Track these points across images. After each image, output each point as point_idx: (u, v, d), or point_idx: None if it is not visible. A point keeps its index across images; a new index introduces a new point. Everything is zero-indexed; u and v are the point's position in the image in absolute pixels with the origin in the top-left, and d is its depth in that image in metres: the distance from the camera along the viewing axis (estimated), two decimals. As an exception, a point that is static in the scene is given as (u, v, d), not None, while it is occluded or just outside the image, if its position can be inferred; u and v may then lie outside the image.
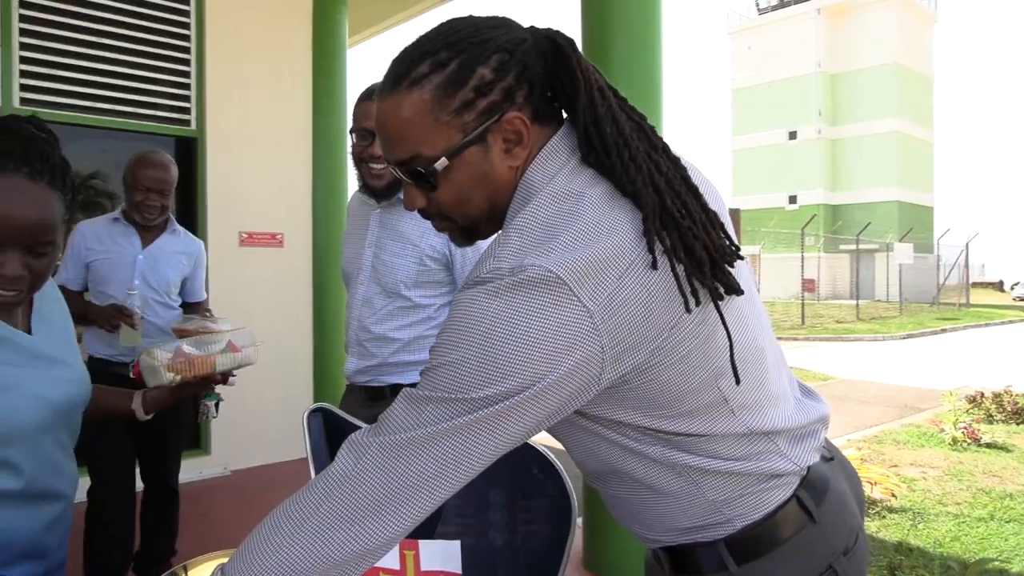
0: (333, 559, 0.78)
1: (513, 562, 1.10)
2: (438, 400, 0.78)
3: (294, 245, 5.00)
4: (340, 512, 0.78)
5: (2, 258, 1.07)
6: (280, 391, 4.85)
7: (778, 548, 0.89)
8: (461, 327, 0.78)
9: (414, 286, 1.89)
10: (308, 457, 1.17)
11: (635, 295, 0.77)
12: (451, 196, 0.89)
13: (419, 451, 0.78)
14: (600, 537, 3.18)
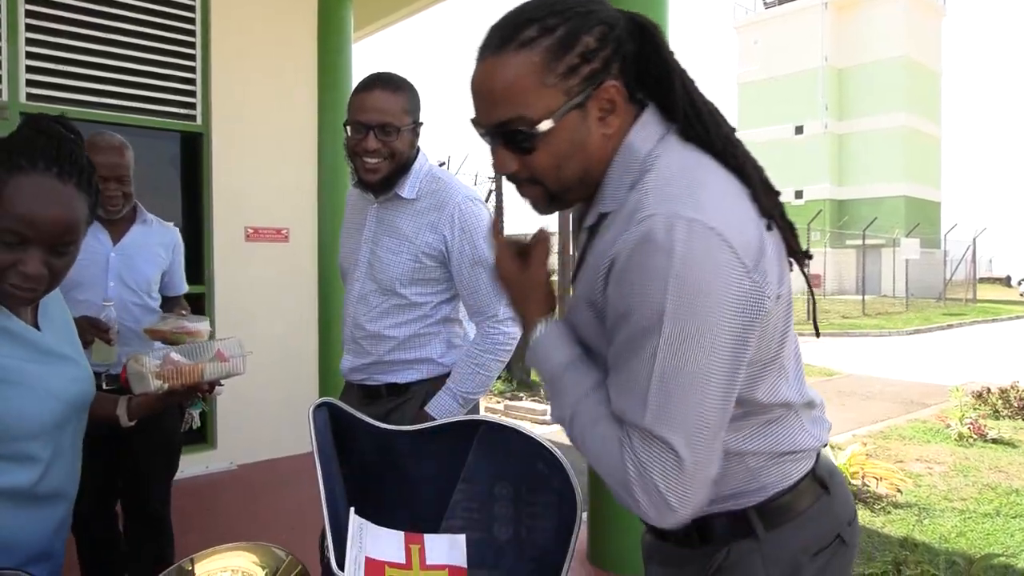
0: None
1: (518, 556, 1.10)
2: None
3: (299, 240, 5.00)
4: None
5: (25, 256, 1.08)
6: (285, 386, 4.86)
7: (799, 516, 1.00)
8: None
9: (410, 283, 1.87)
10: (314, 451, 1.17)
11: (768, 250, 0.89)
12: (548, 160, 0.93)
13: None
14: (604, 531, 3.18)
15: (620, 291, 0.87)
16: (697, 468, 0.85)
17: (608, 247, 0.90)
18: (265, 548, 0.97)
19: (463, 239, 1.84)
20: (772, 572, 0.97)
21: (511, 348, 1.89)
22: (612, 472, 0.89)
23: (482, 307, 1.87)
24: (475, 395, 1.88)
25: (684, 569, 1.04)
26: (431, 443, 1.20)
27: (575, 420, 0.95)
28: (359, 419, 1.23)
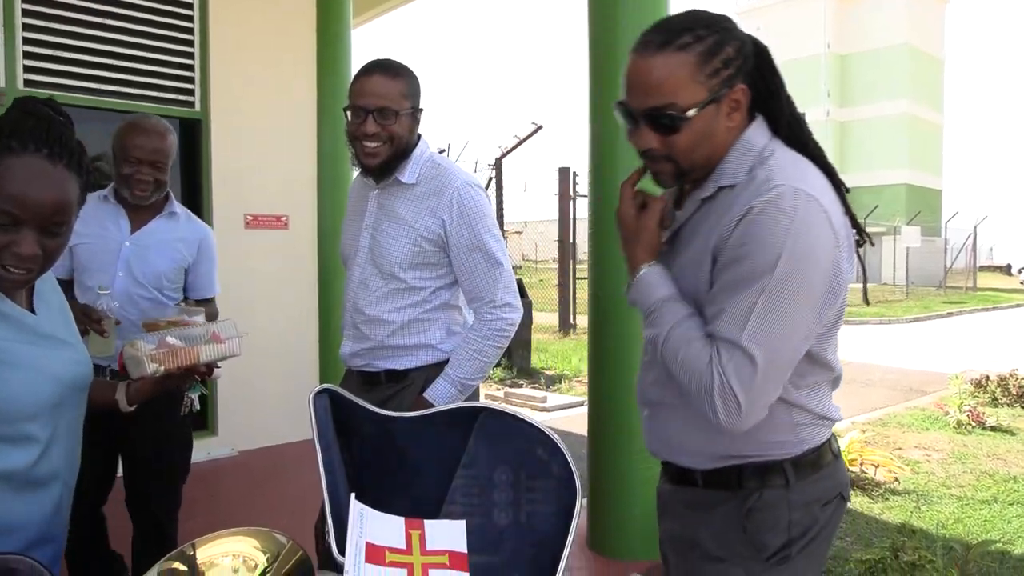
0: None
1: (518, 541, 1.10)
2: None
3: (299, 227, 5.00)
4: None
5: (17, 236, 1.08)
6: (286, 373, 4.87)
7: (819, 472, 1.23)
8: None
9: (409, 267, 1.88)
10: (314, 437, 1.17)
11: (849, 236, 1.17)
12: (687, 141, 1.15)
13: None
14: (604, 518, 3.20)
15: (746, 236, 1.09)
16: (766, 384, 1.09)
17: (738, 206, 1.12)
18: (267, 533, 0.98)
19: (461, 224, 1.85)
20: (794, 516, 1.19)
21: (509, 334, 1.90)
22: (697, 379, 1.11)
23: (479, 293, 1.88)
24: (473, 381, 1.89)
25: (711, 512, 1.24)
26: (431, 429, 1.20)
27: (670, 338, 1.16)
28: (359, 405, 1.23)
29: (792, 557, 1.20)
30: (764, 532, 1.20)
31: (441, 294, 1.93)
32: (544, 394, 7.18)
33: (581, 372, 8.28)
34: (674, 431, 1.28)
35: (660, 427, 1.31)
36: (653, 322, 1.21)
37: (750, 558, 1.21)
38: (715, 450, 1.23)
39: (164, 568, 0.91)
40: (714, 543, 1.24)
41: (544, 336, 11.15)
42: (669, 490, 1.35)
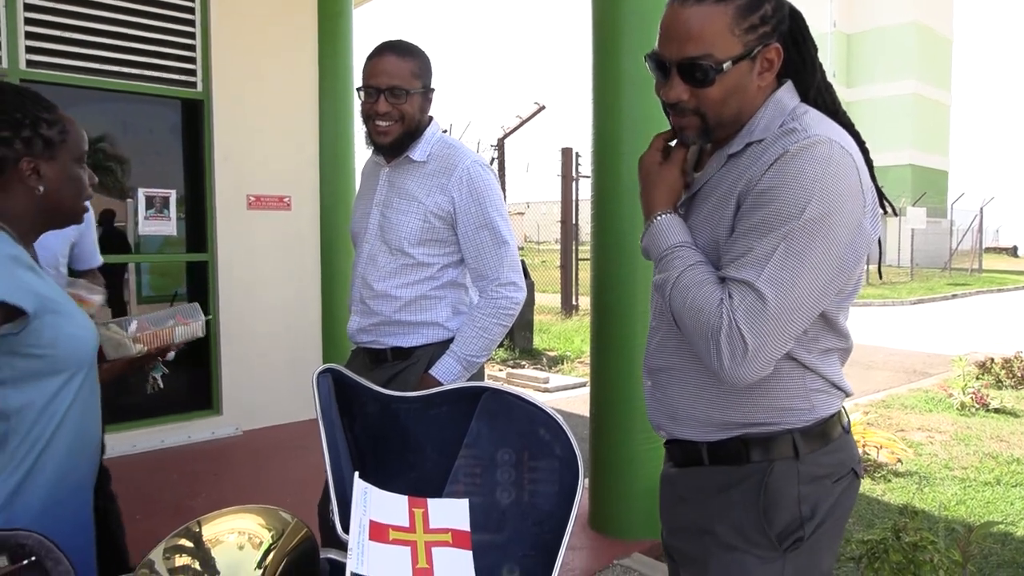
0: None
1: (520, 520, 1.11)
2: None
3: (301, 208, 4.99)
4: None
5: None
6: (289, 353, 4.89)
7: (829, 444, 1.20)
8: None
9: (418, 243, 1.91)
10: (318, 416, 1.18)
11: (875, 204, 1.15)
12: (718, 95, 1.14)
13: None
14: (605, 498, 3.22)
15: (777, 179, 1.07)
16: (777, 328, 1.06)
17: (769, 153, 1.10)
18: (271, 511, 0.99)
19: (470, 201, 1.88)
20: (804, 490, 1.16)
21: (514, 312, 1.91)
22: (704, 321, 1.09)
23: (485, 271, 1.90)
24: (478, 359, 1.91)
25: (723, 497, 1.20)
26: (434, 409, 1.21)
27: (680, 281, 1.14)
28: (363, 385, 1.23)
29: (805, 539, 1.16)
30: (772, 508, 1.16)
31: (448, 272, 1.95)
32: (546, 375, 7.20)
33: (583, 353, 8.29)
34: (679, 398, 1.24)
35: (664, 395, 1.27)
36: (664, 266, 1.19)
37: (765, 545, 1.17)
38: (723, 416, 1.20)
39: (170, 544, 0.91)
40: (728, 530, 1.20)
41: (546, 317, 11.16)
42: (675, 474, 1.31)
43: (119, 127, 4.42)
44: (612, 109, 3.07)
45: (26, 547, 0.91)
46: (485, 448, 1.17)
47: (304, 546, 1.00)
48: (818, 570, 1.21)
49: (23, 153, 1.25)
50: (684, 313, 1.13)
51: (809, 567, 1.19)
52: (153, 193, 4.48)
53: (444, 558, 1.03)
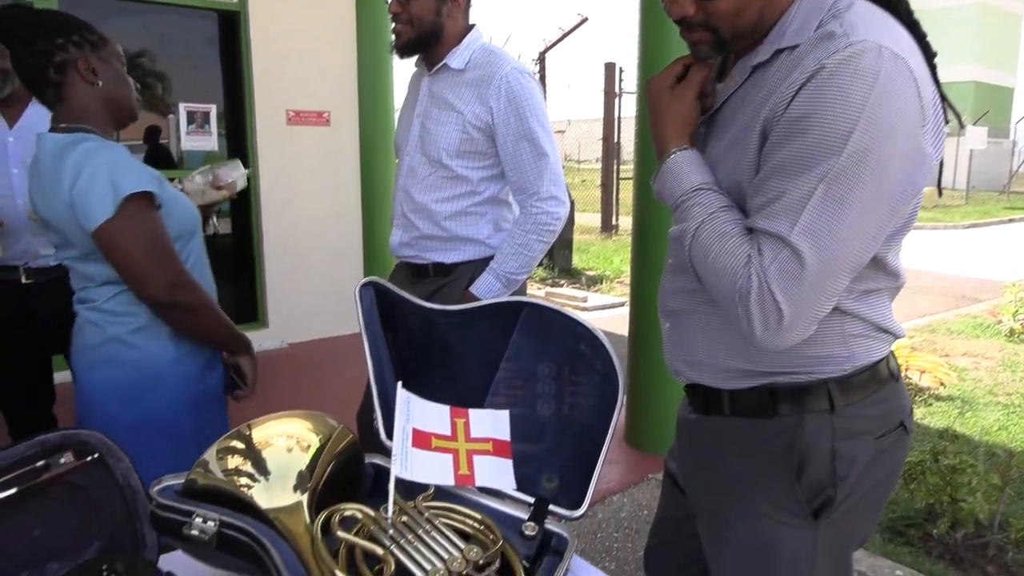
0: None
1: (560, 432, 1.13)
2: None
3: (341, 124, 4.96)
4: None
5: None
6: (331, 268, 4.97)
7: (872, 395, 1.02)
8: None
9: (456, 155, 1.87)
10: (360, 328, 1.19)
11: (935, 98, 0.92)
12: (729, 5, 0.94)
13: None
14: (642, 414, 3.26)
15: (810, 104, 0.87)
16: (817, 292, 0.88)
17: (801, 68, 0.89)
18: (319, 416, 1.02)
19: (509, 111, 1.82)
20: (840, 446, 1.00)
21: (555, 228, 1.88)
22: (731, 282, 0.92)
23: (525, 184, 1.86)
24: (519, 276, 1.90)
25: (747, 457, 1.05)
26: (476, 323, 1.21)
27: (699, 233, 0.97)
28: (405, 298, 1.24)
29: (837, 502, 1.00)
30: (802, 469, 1.00)
31: (489, 186, 1.92)
32: (585, 294, 7.21)
33: (622, 273, 8.26)
34: (697, 343, 1.09)
35: (682, 340, 1.13)
36: (682, 215, 1.01)
37: (795, 512, 1.01)
38: (746, 366, 1.03)
39: (223, 446, 0.95)
40: (752, 493, 1.04)
41: (586, 237, 11.09)
42: (695, 421, 1.15)
43: (156, 42, 4.39)
44: (660, 21, 2.93)
45: (89, 445, 0.95)
46: (526, 361, 1.18)
47: (350, 451, 1.03)
48: (857, 537, 1.08)
49: (77, 55, 1.40)
50: (707, 272, 0.96)
51: (844, 535, 1.04)
52: (194, 108, 4.49)
53: (485, 466, 1.05)
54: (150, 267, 1.36)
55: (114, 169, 1.34)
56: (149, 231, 1.37)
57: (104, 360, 1.46)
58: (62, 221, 1.37)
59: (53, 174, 1.35)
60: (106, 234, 1.33)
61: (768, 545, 1.03)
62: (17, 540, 0.90)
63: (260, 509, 0.90)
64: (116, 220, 1.32)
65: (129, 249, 1.35)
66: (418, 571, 0.85)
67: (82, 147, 1.35)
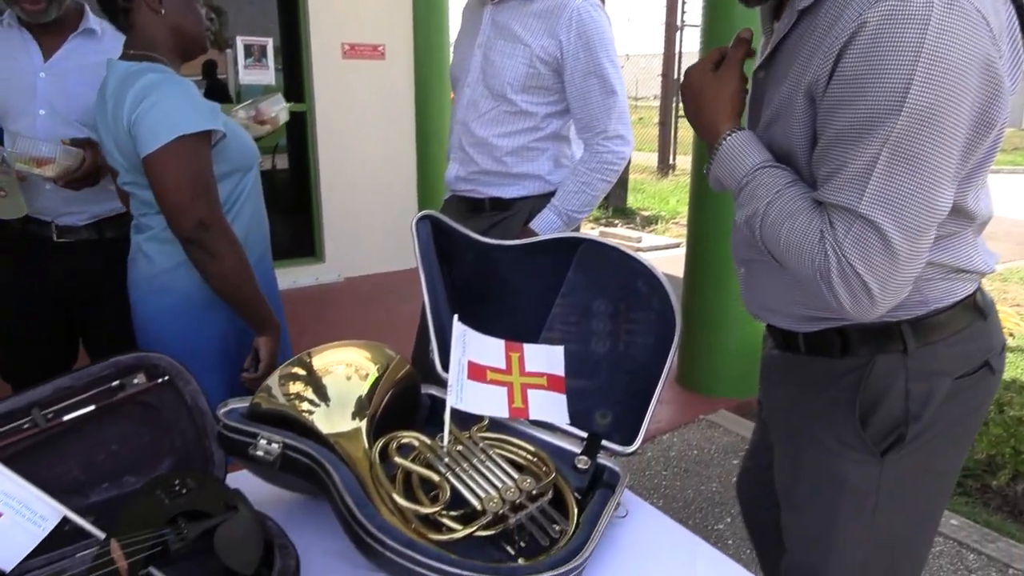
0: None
1: (614, 369, 1.13)
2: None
3: (395, 57, 4.91)
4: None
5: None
6: (386, 203, 5.01)
7: (951, 336, 0.98)
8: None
9: (521, 90, 1.82)
10: (417, 260, 1.20)
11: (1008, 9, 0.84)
12: None
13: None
14: (695, 354, 3.24)
15: (859, 66, 0.80)
16: (905, 258, 0.83)
17: (843, 22, 0.82)
18: (378, 346, 1.03)
19: (579, 45, 1.76)
20: (913, 388, 0.98)
21: (619, 168, 1.85)
22: (809, 262, 0.88)
23: (591, 122, 1.81)
24: (580, 214, 1.87)
25: (821, 393, 1.05)
26: (532, 258, 1.21)
27: (768, 215, 0.92)
28: (461, 232, 1.24)
29: (908, 440, 0.99)
30: (872, 409, 1.00)
31: (552, 122, 1.88)
32: (639, 234, 7.12)
33: (678, 214, 8.10)
34: (767, 291, 1.09)
35: (754, 286, 1.12)
36: (746, 198, 0.96)
37: (860, 449, 1.01)
38: (815, 313, 1.02)
39: (285, 373, 0.98)
40: (822, 430, 1.05)
41: (641, 176, 10.87)
42: (776, 357, 1.16)
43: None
44: (729, -57, 2.78)
45: (160, 367, 1.00)
46: (581, 298, 1.17)
47: (407, 381, 1.05)
48: (930, 474, 1.05)
49: None
50: (782, 254, 0.92)
51: (916, 471, 1.02)
52: (251, 42, 4.49)
53: (539, 399, 1.06)
54: (186, 202, 1.37)
55: (174, 103, 1.36)
56: (193, 167, 1.38)
57: (159, 288, 1.51)
58: (123, 146, 1.42)
59: (118, 99, 1.39)
60: (153, 164, 1.36)
61: (834, 479, 1.05)
62: (98, 454, 0.95)
63: (321, 434, 0.93)
64: (165, 152, 1.34)
65: (170, 181, 1.37)
66: (472, 498, 0.87)
67: (148, 77, 1.37)
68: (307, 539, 0.87)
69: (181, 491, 0.87)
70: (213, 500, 0.86)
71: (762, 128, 0.99)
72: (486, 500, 0.87)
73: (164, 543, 0.81)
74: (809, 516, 1.09)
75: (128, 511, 0.85)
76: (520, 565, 0.82)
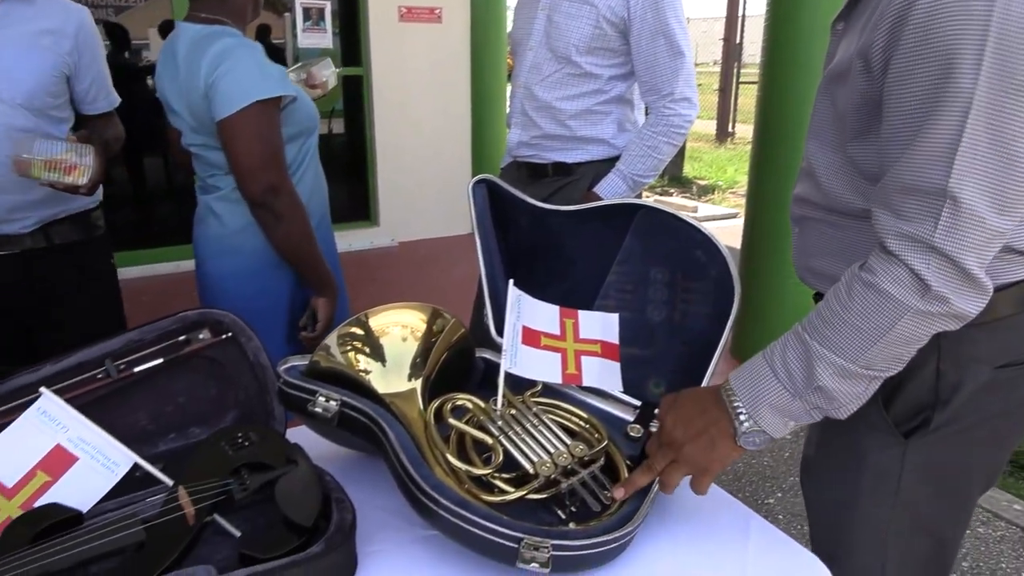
0: None
1: (669, 338, 1.11)
2: None
3: (452, 21, 4.87)
4: None
5: None
6: (440, 168, 5.02)
7: (994, 322, 0.89)
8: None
9: (586, 52, 1.78)
10: (473, 224, 1.20)
11: None
12: None
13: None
14: (750, 328, 3.19)
15: (919, 35, 0.74)
16: (998, 235, 0.75)
17: None
18: (433, 308, 1.04)
19: (647, 5, 1.72)
20: (946, 368, 0.91)
21: (685, 131, 1.81)
22: (905, 295, 0.77)
23: (658, 84, 1.77)
24: (645, 178, 1.84)
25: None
26: (588, 225, 1.19)
27: (849, 343, 0.80)
28: (518, 197, 1.23)
29: (934, 427, 0.93)
30: (898, 388, 0.93)
31: (617, 85, 1.84)
32: (695, 203, 6.99)
33: (736, 183, 7.91)
34: (817, 252, 1.02)
35: (804, 247, 1.06)
36: (820, 373, 0.81)
37: (883, 429, 0.96)
38: None
39: (343, 332, 1.00)
40: None
41: (699, 144, 10.63)
42: None
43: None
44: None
45: (223, 324, 1.02)
46: (638, 265, 1.15)
47: (462, 343, 1.06)
48: (965, 467, 0.98)
49: None
50: (880, 337, 0.79)
51: (947, 461, 0.96)
52: (309, 4, 4.51)
53: (593, 366, 1.06)
54: (257, 165, 1.42)
55: (249, 68, 1.40)
56: (265, 133, 1.42)
57: (227, 249, 1.55)
58: (196, 109, 1.45)
59: (192, 63, 1.42)
60: (228, 127, 1.40)
61: (856, 457, 1.01)
62: (166, 405, 0.99)
63: (377, 393, 0.95)
64: (240, 116, 1.38)
65: (243, 145, 1.41)
66: (525, 462, 0.88)
67: (223, 42, 1.40)
68: (363, 495, 0.89)
69: (244, 443, 0.90)
70: (274, 453, 0.89)
71: (823, 84, 0.93)
72: (538, 464, 0.87)
73: (228, 492, 0.84)
74: (831, 493, 1.06)
75: (194, 460, 0.88)
76: (571, 529, 0.82)
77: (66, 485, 0.87)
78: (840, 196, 0.95)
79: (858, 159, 0.90)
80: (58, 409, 0.89)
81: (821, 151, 0.97)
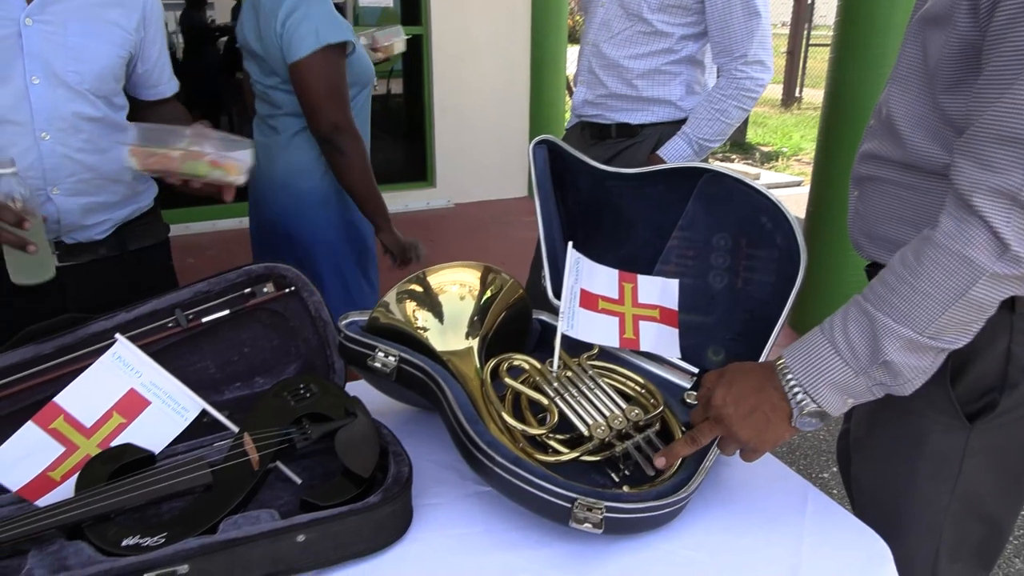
0: None
1: (731, 306, 1.09)
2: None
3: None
4: None
5: None
6: (498, 130, 4.99)
7: None
8: None
9: (659, 9, 1.73)
10: (533, 185, 1.19)
11: None
12: None
13: None
14: (811, 300, 3.10)
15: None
16: None
17: None
18: (491, 268, 1.04)
19: None
20: (1017, 351, 0.86)
21: (756, 96, 1.75)
22: (981, 256, 0.72)
23: (731, 45, 1.70)
24: (712, 143, 1.79)
25: None
26: (650, 188, 1.17)
27: (915, 311, 0.76)
28: (578, 159, 1.21)
29: (1000, 409, 0.88)
30: (965, 368, 0.89)
31: (688, 45, 1.78)
32: (758, 171, 6.81)
33: (801, 150, 7.65)
34: (879, 215, 0.96)
35: (865, 210, 1.00)
36: (887, 347, 0.77)
37: (948, 412, 0.91)
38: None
39: (402, 290, 1.01)
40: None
41: (763, 109, 10.29)
42: None
43: None
44: None
45: (287, 278, 1.05)
46: (700, 231, 1.13)
47: (519, 304, 1.06)
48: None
49: None
50: (952, 305, 0.74)
51: (1009, 447, 0.92)
52: (371, -38, 4.50)
53: (651, 332, 1.05)
54: (325, 104, 1.60)
55: (321, 17, 1.57)
56: (333, 76, 1.59)
57: (280, 185, 1.74)
58: (271, 51, 1.61)
59: (271, 10, 1.59)
60: (300, 69, 1.57)
61: (912, 441, 0.96)
62: (232, 355, 1.02)
63: (434, 350, 0.96)
64: (311, 59, 1.56)
65: (313, 85, 1.59)
66: (580, 423, 0.88)
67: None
68: (419, 449, 0.91)
69: (305, 395, 0.92)
70: (334, 405, 0.91)
71: (913, 27, 0.86)
72: (593, 426, 0.87)
73: (290, 440, 0.87)
74: (884, 475, 1.01)
75: (258, 409, 0.91)
76: (625, 492, 0.82)
77: (139, 428, 0.91)
78: (924, 151, 0.88)
79: (949, 110, 0.83)
80: (132, 355, 0.93)
81: (905, 100, 0.90)
